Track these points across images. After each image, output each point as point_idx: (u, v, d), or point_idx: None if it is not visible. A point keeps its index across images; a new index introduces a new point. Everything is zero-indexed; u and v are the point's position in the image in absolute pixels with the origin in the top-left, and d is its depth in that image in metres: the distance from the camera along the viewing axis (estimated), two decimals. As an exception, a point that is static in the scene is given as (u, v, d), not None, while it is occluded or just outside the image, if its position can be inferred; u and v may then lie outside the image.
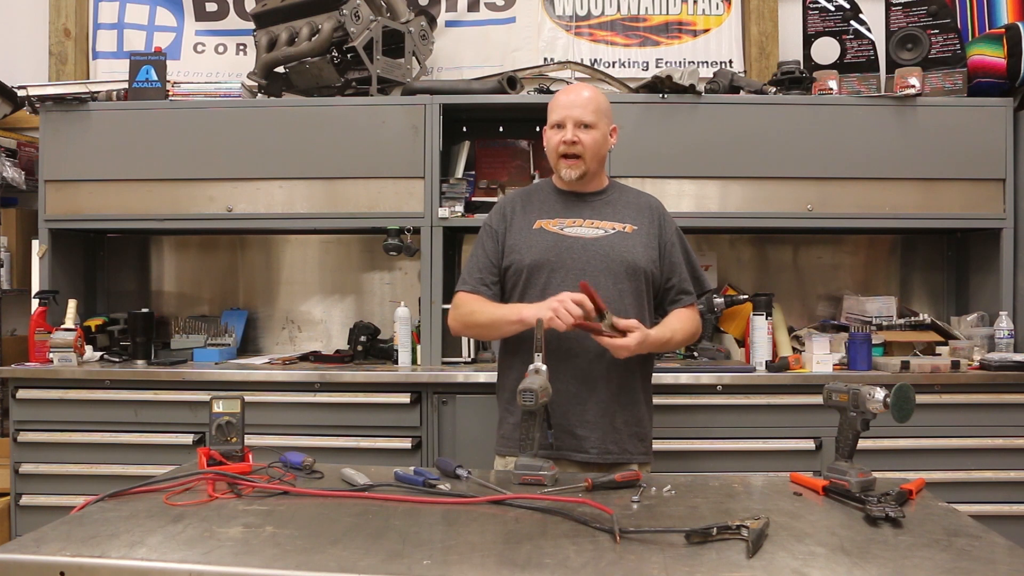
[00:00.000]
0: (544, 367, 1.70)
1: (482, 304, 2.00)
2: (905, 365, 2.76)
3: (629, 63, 3.54)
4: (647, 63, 3.53)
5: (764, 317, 2.88)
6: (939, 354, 2.94)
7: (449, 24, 3.56)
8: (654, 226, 2.07)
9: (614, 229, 2.02)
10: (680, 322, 2.04)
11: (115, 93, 3.19)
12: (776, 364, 2.81)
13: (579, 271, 1.94)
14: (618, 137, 2.04)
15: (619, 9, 3.57)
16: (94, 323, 3.14)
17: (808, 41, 3.20)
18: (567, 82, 3.27)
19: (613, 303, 1.90)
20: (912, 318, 3.10)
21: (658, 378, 2.72)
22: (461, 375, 2.78)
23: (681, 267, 2.09)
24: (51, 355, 2.87)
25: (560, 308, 1.77)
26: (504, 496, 1.48)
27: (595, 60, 3.53)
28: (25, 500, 2.85)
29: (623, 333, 1.82)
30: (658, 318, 2.07)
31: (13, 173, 3.28)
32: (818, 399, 1.68)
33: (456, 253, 3.34)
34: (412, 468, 1.62)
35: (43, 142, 3.11)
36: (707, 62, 3.52)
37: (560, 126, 2.00)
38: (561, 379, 1.88)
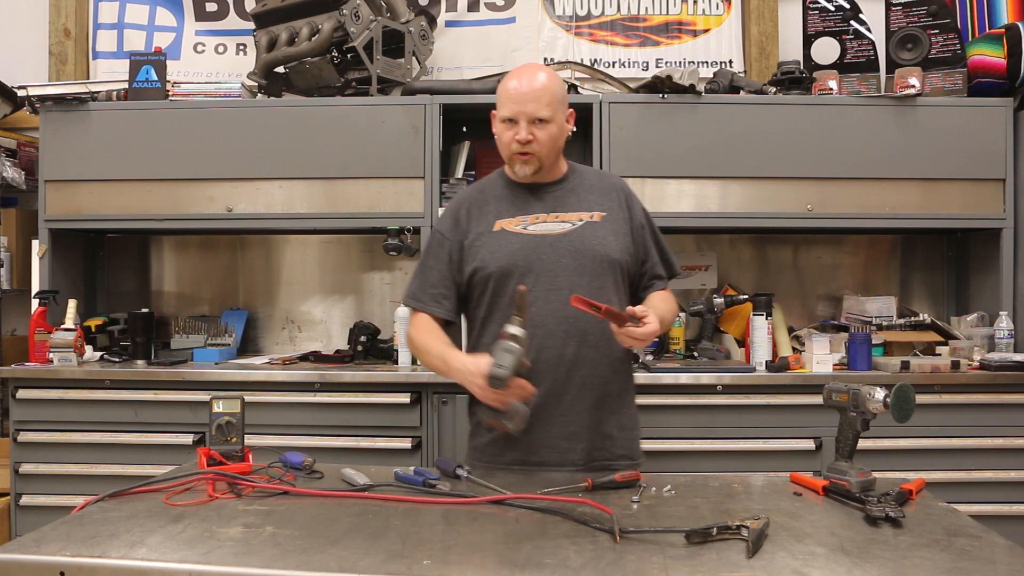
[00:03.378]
0: (522, 332, 1.58)
1: (427, 339, 1.86)
2: (905, 365, 2.76)
3: (629, 63, 3.54)
4: (647, 63, 3.53)
5: (764, 317, 2.88)
6: (939, 354, 2.94)
7: (449, 24, 3.56)
8: (623, 209, 1.92)
9: (581, 220, 1.86)
10: (663, 302, 1.90)
11: (115, 93, 3.19)
12: (776, 364, 2.81)
13: (550, 272, 1.80)
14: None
15: (619, 9, 3.57)
16: (94, 323, 3.14)
17: (808, 41, 3.20)
18: (567, 82, 3.27)
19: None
20: (912, 318, 3.10)
21: (658, 378, 2.75)
22: (461, 375, 2.77)
23: (652, 251, 1.96)
24: (51, 355, 2.87)
25: (479, 393, 1.65)
26: (504, 496, 1.48)
27: (595, 60, 3.53)
28: (25, 500, 2.85)
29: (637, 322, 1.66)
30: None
31: (13, 173, 3.28)
32: (818, 399, 1.68)
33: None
34: (412, 468, 1.62)
35: (43, 142, 3.11)
36: (707, 62, 3.52)
37: (512, 121, 1.81)
38: (541, 389, 1.76)
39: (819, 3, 3.17)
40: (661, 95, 2.99)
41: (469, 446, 1.94)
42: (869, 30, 3.14)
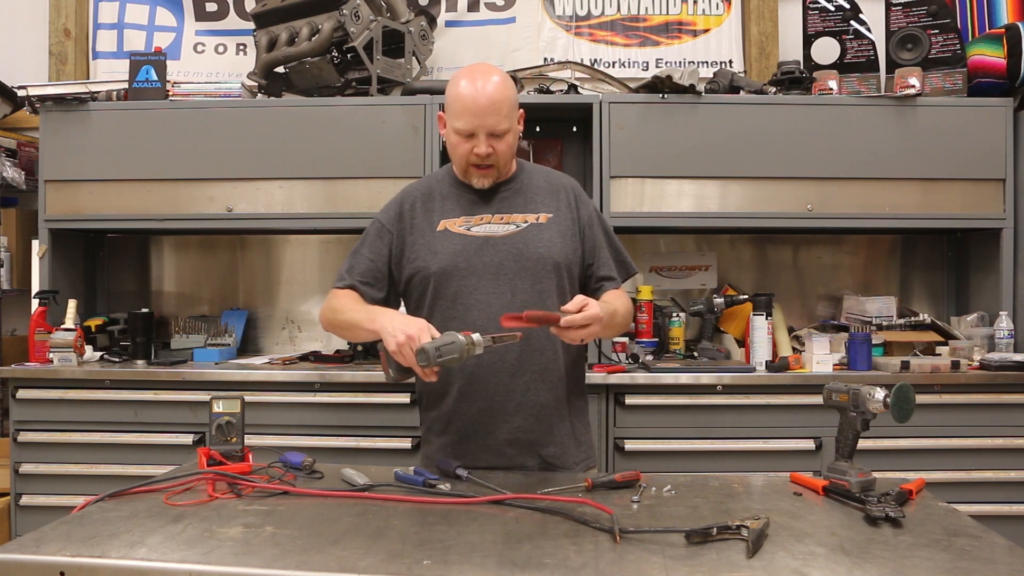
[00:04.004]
0: (481, 348, 1.53)
1: (349, 302, 1.81)
2: (905, 365, 2.76)
3: (629, 63, 3.54)
4: (647, 63, 3.53)
5: (764, 317, 2.88)
6: (939, 354, 2.94)
7: (449, 24, 3.56)
8: (571, 210, 1.88)
9: (526, 222, 1.83)
10: (617, 298, 1.84)
11: (115, 93, 3.19)
12: (776, 364, 2.81)
13: (492, 274, 1.77)
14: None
15: (619, 9, 3.57)
16: (94, 323, 3.14)
17: (808, 41, 3.20)
18: (567, 82, 3.27)
19: (534, 305, 1.73)
20: (912, 318, 3.10)
21: (658, 378, 2.75)
22: (461, 375, 2.77)
23: (603, 250, 1.90)
24: (51, 355, 2.87)
25: (406, 347, 1.55)
26: (504, 496, 1.48)
27: (595, 60, 3.53)
28: (25, 500, 2.85)
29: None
30: None
31: (13, 173, 3.28)
32: (818, 399, 1.68)
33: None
34: (412, 468, 1.62)
35: (43, 142, 3.10)
36: (707, 62, 3.52)
37: (470, 134, 1.75)
38: (486, 395, 1.78)
39: (819, 3, 3.17)
40: (661, 95, 2.99)
41: (421, 453, 1.94)
42: (869, 30, 3.14)
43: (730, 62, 3.52)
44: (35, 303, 3.06)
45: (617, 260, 1.94)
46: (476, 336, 1.53)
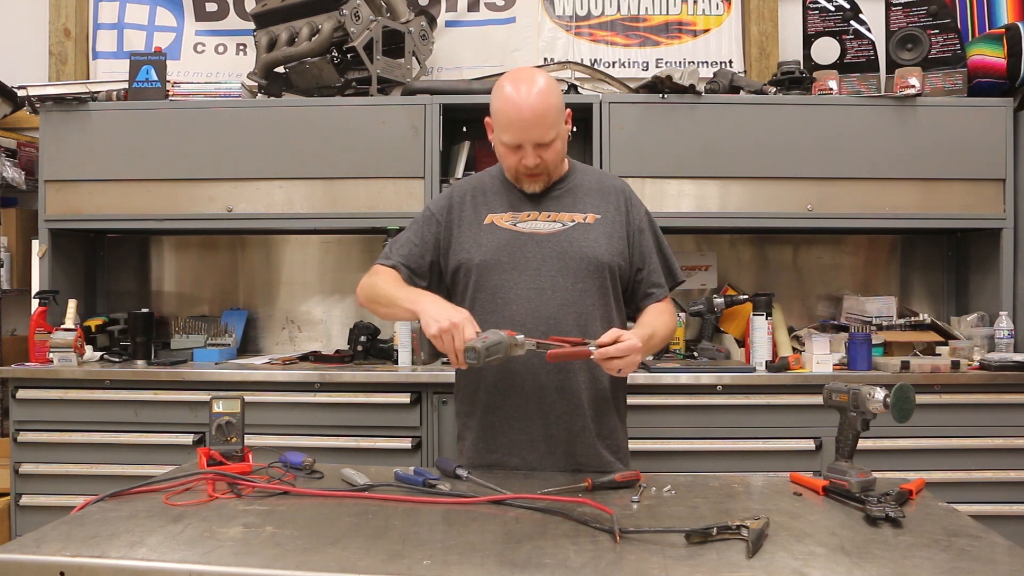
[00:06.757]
0: (523, 350, 1.57)
1: (391, 279, 1.82)
2: (905, 365, 2.76)
3: (629, 63, 3.54)
4: (647, 63, 3.53)
5: (764, 317, 2.88)
6: (939, 354, 2.94)
7: (449, 24, 3.56)
8: (620, 212, 1.87)
9: (573, 221, 1.82)
10: (657, 317, 1.85)
11: (115, 93, 3.20)
12: (776, 364, 2.81)
13: (534, 271, 1.78)
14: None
15: (619, 9, 3.57)
16: (94, 323, 3.14)
17: (808, 41, 3.20)
18: (567, 82, 3.27)
19: (574, 304, 1.76)
20: (912, 318, 3.10)
21: (658, 378, 2.75)
22: (461, 375, 2.77)
23: (652, 256, 1.90)
24: (51, 355, 2.87)
25: (448, 334, 1.56)
26: (504, 496, 1.48)
27: (595, 60, 3.53)
28: (25, 500, 2.85)
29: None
30: (629, 315, 1.91)
31: (13, 173, 3.28)
32: (818, 399, 1.68)
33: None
34: (412, 468, 1.62)
35: (43, 142, 3.11)
36: (707, 62, 3.52)
37: (518, 146, 1.75)
38: (519, 389, 1.78)
39: (819, 3, 3.17)
40: (661, 95, 2.99)
41: (456, 448, 1.94)
42: (869, 30, 3.14)
43: (730, 62, 3.52)
44: (35, 303, 3.06)
45: (665, 267, 1.93)
46: (520, 337, 1.56)
